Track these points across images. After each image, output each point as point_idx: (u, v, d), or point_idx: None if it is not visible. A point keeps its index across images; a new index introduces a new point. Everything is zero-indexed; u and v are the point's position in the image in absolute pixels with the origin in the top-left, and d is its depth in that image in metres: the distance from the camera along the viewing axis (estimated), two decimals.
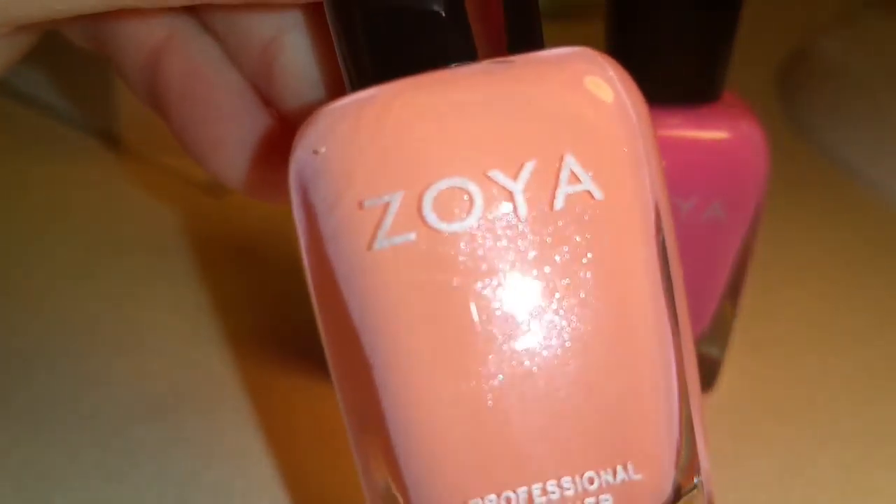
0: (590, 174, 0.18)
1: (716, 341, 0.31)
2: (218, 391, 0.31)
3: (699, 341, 0.31)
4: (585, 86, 0.18)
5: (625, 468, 0.19)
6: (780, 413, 0.31)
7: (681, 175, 0.29)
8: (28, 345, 0.33)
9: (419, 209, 0.18)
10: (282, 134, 0.25)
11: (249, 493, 0.27)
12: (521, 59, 0.19)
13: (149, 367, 0.32)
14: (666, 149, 0.29)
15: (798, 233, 0.44)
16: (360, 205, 0.18)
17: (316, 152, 0.19)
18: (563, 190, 0.18)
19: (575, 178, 0.18)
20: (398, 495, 0.19)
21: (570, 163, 0.18)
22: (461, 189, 0.18)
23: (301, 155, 0.19)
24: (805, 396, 0.32)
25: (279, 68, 0.24)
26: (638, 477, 0.19)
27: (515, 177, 0.18)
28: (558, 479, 0.19)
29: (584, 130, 0.18)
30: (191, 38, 0.26)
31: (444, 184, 0.18)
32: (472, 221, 0.18)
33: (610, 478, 0.19)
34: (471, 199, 0.18)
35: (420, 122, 0.18)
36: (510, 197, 0.18)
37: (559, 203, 0.18)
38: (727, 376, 0.32)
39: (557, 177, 0.18)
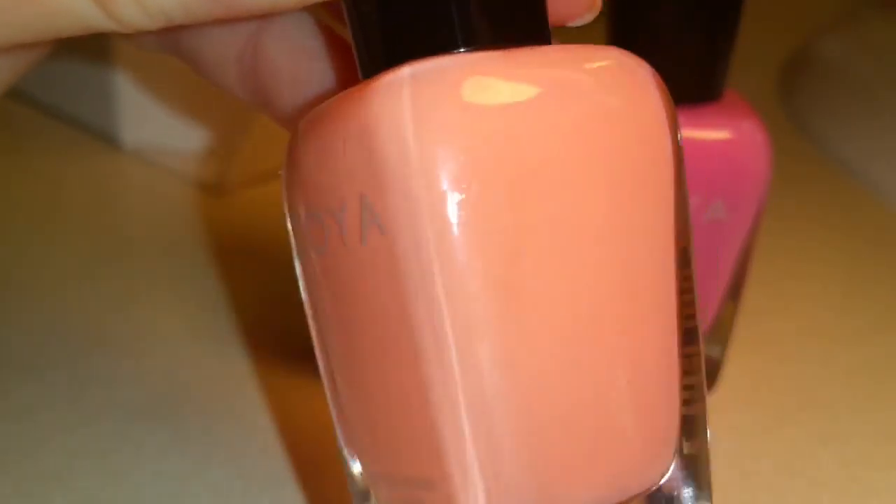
0: (378, 211, 0.19)
1: (717, 342, 0.31)
2: (218, 391, 0.31)
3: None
4: (380, 123, 0.19)
5: (430, 482, 0.20)
6: (781, 412, 0.31)
7: None
8: (28, 345, 0.33)
9: (304, 234, 0.21)
10: None
11: (249, 493, 0.27)
12: (364, 89, 0.19)
13: (149, 367, 0.32)
14: None
15: (799, 233, 0.44)
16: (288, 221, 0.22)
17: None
18: (367, 226, 0.19)
19: (371, 215, 0.19)
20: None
21: (366, 202, 0.19)
22: (318, 220, 0.20)
23: None
24: (805, 396, 0.32)
25: None
26: (437, 494, 0.20)
27: (340, 211, 0.20)
28: (395, 474, 0.21)
29: (374, 169, 0.19)
30: (287, 16, 0.25)
31: (311, 215, 0.21)
32: (326, 247, 0.21)
33: (423, 484, 0.20)
34: (323, 230, 0.20)
35: (307, 155, 0.21)
36: (339, 230, 0.20)
37: (364, 238, 0.19)
38: (727, 376, 0.32)
39: (360, 214, 0.19)
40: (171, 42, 0.26)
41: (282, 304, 0.36)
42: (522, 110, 0.19)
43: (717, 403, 0.32)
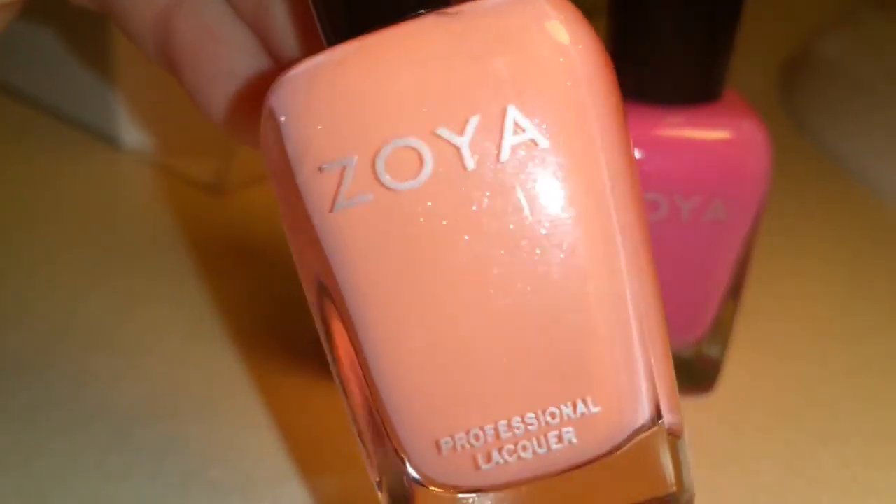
0: (534, 122, 0.19)
1: (717, 341, 0.31)
2: (218, 391, 0.31)
3: (700, 342, 0.31)
4: (528, 34, 0.19)
5: (584, 402, 0.20)
6: (781, 412, 0.31)
7: (682, 175, 0.29)
8: (28, 345, 0.33)
9: (374, 170, 0.19)
10: None
11: (249, 493, 0.27)
12: (468, 10, 0.19)
13: (148, 367, 0.32)
14: (668, 149, 0.29)
15: (799, 232, 0.44)
16: (320, 169, 0.19)
17: (279, 119, 0.20)
18: (508, 141, 0.19)
19: (519, 128, 0.19)
20: (385, 431, 0.21)
21: (514, 114, 0.19)
22: (411, 148, 0.19)
23: (266, 122, 0.20)
24: (805, 396, 0.32)
25: (271, 21, 0.24)
26: (597, 410, 0.20)
27: (461, 132, 0.19)
28: (522, 415, 0.20)
29: (528, 79, 0.19)
30: None
31: (394, 145, 0.19)
32: (423, 178, 0.19)
33: (570, 412, 0.20)
34: (420, 157, 0.19)
35: (370, 85, 0.19)
36: (457, 152, 0.19)
37: (505, 154, 0.19)
38: (728, 376, 0.32)
39: (502, 129, 0.19)
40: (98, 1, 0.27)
41: (282, 303, 0.36)
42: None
43: (717, 403, 0.32)
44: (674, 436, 0.21)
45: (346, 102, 0.19)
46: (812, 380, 0.33)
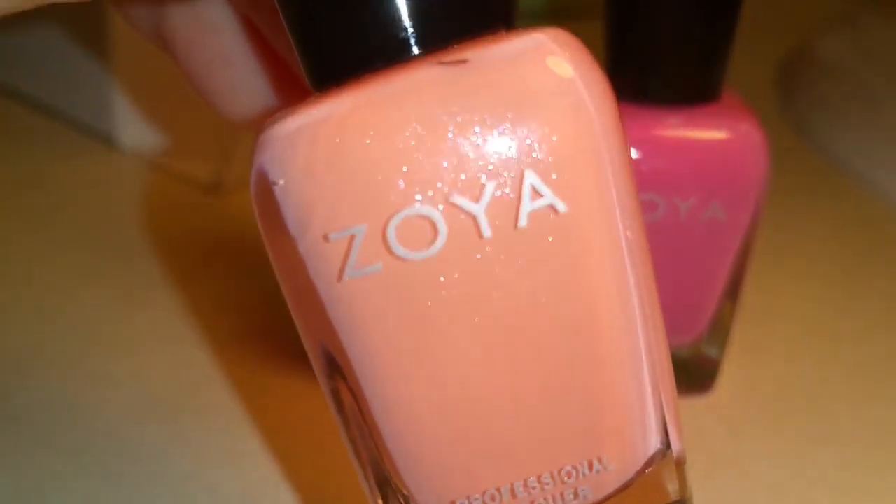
0: (552, 187, 0.18)
1: (715, 341, 0.31)
2: (216, 392, 0.31)
3: (699, 342, 0.31)
4: (544, 90, 0.18)
5: (599, 461, 0.20)
6: (780, 413, 0.31)
7: (680, 175, 0.29)
8: (27, 345, 0.33)
9: (384, 240, 0.18)
10: (288, 74, 0.26)
11: (247, 494, 0.27)
12: (474, 60, 0.18)
13: (147, 368, 0.32)
14: (666, 149, 0.29)
15: (797, 232, 0.44)
16: (326, 238, 0.18)
17: (275, 183, 0.18)
18: (526, 207, 0.18)
19: (537, 193, 0.18)
20: (400, 490, 0.21)
21: (531, 179, 0.18)
22: (424, 216, 0.18)
23: (258, 183, 0.19)
24: (805, 396, 0.32)
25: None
26: (612, 468, 0.20)
27: (477, 199, 0.18)
28: (539, 476, 0.20)
29: (546, 141, 0.18)
30: None
31: (406, 213, 0.18)
32: (437, 247, 0.18)
33: (586, 470, 0.20)
34: (434, 226, 0.18)
35: (376, 147, 0.17)
36: (473, 220, 0.18)
37: (523, 220, 0.18)
38: (727, 376, 0.32)
39: (519, 194, 0.18)
40: None
41: (281, 304, 0.36)
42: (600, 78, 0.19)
43: (717, 403, 0.32)
44: (680, 463, 0.21)
45: (350, 166, 0.17)
46: (811, 380, 0.33)
